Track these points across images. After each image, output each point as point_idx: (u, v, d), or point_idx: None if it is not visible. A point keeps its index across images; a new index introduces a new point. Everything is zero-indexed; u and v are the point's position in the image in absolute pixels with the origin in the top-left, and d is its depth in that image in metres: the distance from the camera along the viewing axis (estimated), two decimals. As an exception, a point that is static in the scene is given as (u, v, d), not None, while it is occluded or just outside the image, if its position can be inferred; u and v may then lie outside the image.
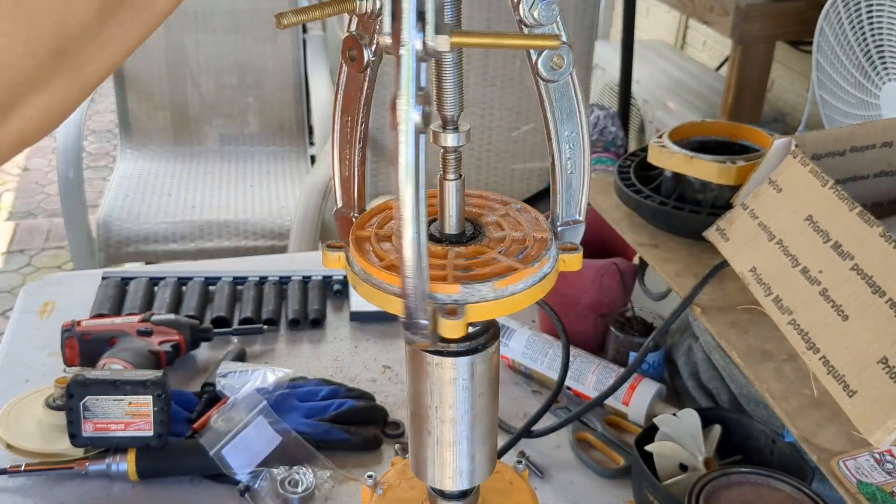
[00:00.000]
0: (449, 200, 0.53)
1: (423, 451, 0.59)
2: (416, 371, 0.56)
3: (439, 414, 0.56)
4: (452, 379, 0.55)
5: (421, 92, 0.41)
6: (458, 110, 0.50)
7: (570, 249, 0.55)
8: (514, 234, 0.54)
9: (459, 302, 0.48)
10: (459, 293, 0.48)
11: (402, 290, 0.44)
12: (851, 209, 0.80)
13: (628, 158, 1.08)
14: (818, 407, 0.76)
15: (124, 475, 0.88)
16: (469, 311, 0.48)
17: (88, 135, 3.95)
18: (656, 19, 3.15)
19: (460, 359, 0.54)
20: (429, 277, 0.45)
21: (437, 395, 0.56)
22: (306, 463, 0.90)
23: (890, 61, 1.39)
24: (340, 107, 0.55)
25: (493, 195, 0.58)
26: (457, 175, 0.52)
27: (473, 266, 0.51)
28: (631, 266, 1.07)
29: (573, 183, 0.55)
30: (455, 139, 0.51)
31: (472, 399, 0.56)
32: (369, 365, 1.08)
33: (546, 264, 0.52)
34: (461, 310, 0.47)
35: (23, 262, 3.09)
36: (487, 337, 0.55)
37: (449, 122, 0.50)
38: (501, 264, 0.51)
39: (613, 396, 0.96)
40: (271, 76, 2.46)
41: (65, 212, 2.11)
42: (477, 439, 0.58)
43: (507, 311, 0.50)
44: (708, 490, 0.76)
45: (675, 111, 2.36)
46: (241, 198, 2.27)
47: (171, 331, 1.04)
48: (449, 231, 0.53)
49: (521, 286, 0.50)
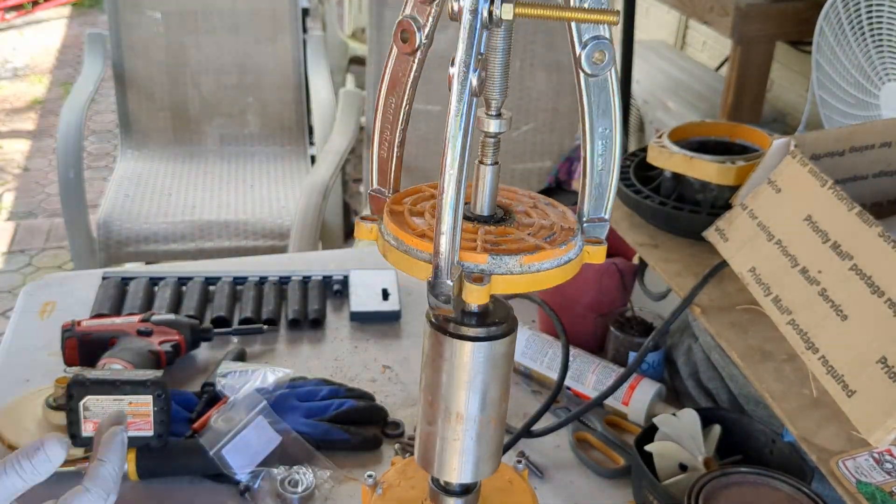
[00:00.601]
0: (484, 183, 0.55)
1: (432, 440, 0.59)
2: (433, 355, 0.57)
3: (449, 399, 0.57)
4: (469, 364, 0.56)
5: (480, 57, 0.45)
6: (503, 96, 0.52)
7: (594, 242, 0.57)
8: (541, 222, 0.56)
9: (486, 272, 0.51)
10: (487, 263, 0.51)
11: (435, 248, 0.47)
12: (850, 209, 0.80)
13: (628, 158, 1.08)
14: (818, 407, 0.76)
15: (124, 475, 0.88)
16: (495, 281, 0.51)
17: (88, 135, 3.95)
18: (656, 19, 3.15)
19: (478, 343, 0.55)
20: (459, 244, 0.49)
21: (449, 379, 0.57)
22: (306, 463, 0.90)
23: (890, 61, 1.39)
24: (386, 88, 0.57)
25: (522, 190, 0.61)
26: (494, 160, 0.54)
27: (502, 242, 0.53)
28: (631, 266, 1.07)
29: (603, 180, 0.56)
30: (497, 125, 0.53)
31: (482, 387, 0.57)
32: (369, 365, 1.08)
33: (572, 249, 0.54)
34: (487, 278, 0.50)
35: (23, 262, 3.10)
36: (504, 328, 0.56)
37: (492, 108, 0.53)
38: (529, 243, 0.53)
39: (613, 396, 0.96)
40: (271, 76, 2.46)
41: (65, 212, 2.11)
42: (485, 431, 0.59)
43: (530, 288, 0.52)
44: (708, 490, 0.76)
45: (674, 111, 2.36)
46: (241, 198, 2.27)
47: (171, 331, 1.04)
48: (481, 212, 0.56)
49: (546, 265, 0.52)
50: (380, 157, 0.59)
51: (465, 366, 0.56)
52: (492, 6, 0.46)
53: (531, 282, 0.52)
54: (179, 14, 2.37)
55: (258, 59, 2.45)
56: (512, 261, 0.51)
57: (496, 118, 0.53)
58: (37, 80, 4.60)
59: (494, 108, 0.53)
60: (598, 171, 0.56)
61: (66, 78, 4.55)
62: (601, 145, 0.55)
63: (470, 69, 0.45)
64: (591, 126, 0.54)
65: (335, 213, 2.28)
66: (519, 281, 0.51)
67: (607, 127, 0.55)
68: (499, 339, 0.56)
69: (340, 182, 2.32)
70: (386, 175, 0.59)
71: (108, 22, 2.35)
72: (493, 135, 0.54)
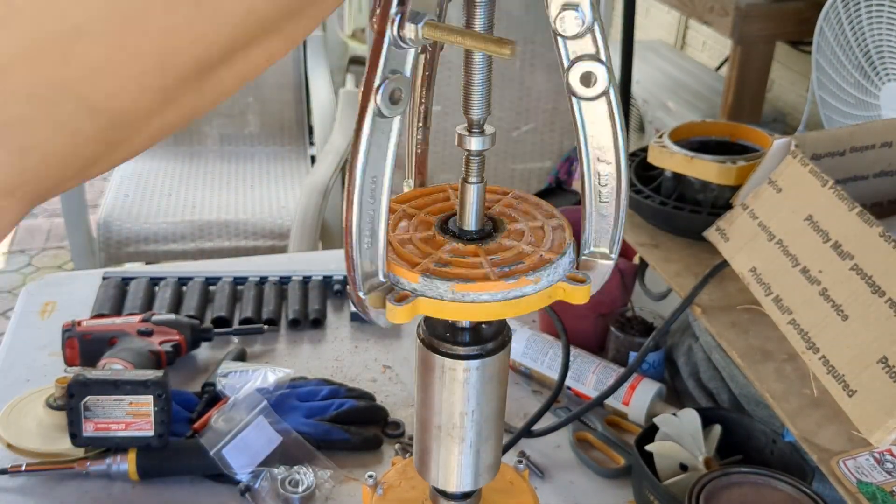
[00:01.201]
0: (469, 202, 0.52)
1: (429, 453, 0.59)
2: (425, 372, 0.56)
3: (444, 414, 0.56)
4: (462, 381, 0.55)
5: (393, 76, 0.42)
6: (483, 114, 0.49)
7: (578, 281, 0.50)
8: (523, 248, 0.52)
9: (499, 299, 0.48)
10: (500, 291, 0.48)
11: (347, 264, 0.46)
12: (851, 209, 0.80)
13: (628, 158, 1.08)
14: (818, 407, 0.76)
15: (125, 475, 0.88)
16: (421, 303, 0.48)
17: (88, 135, 3.94)
18: (656, 19, 3.15)
19: (471, 362, 0.54)
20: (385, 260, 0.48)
21: (445, 398, 0.56)
22: (307, 463, 0.90)
23: (890, 61, 1.39)
24: None
25: (546, 204, 0.56)
26: (479, 179, 0.51)
27: (507, 261, 0.50)
28: (631, 266, 1.07)
29: (605, 211, 0.50)
30: (479, 143, 0.50)
31: (480, 402, 0.56)
32: (370, 365, 1.08)
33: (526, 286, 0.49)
34: (413, 297, 0.48)
35: (23, 262, 3.09)
36: (497, 342, 0.55)
37: (474, 126, 0.49)
38: (533, 257, 0.50)
39: (613, 396, 0.96)
40: (271, 76, 2.46)
41: (65, 212, 2.12)
42: (483, 443, 0.58)
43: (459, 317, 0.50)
44: (708, 490, 0.76)
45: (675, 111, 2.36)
46: (241, 198, 2.27)
47: (172, 331, 1.04)
48: (468, 228, 0.53)
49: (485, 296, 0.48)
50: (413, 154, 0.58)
51: (458, 384, 0.55)
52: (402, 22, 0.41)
53: (460, 310, 0.48)
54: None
55: (258, 59, 2.44)
56: (443, 286, 0.48)
57: (478, 135, 0.49)
58: (36, 80, 4.60)
59: (476, 126, 0.49)
60: (597, 201, 0.50)
61: (66, 78, 4.54)
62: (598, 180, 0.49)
63: (372, 89, 0.42)
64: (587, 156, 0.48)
65: (335, 213, 2.28)
66: (447, 308, 0.48)
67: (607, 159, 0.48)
68: (492, 356, 0.55)
69: (340, 182, 2.32)
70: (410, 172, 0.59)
71: (107, 22, 2.35)
72: (476, 153, 0.50)
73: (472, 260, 0.50)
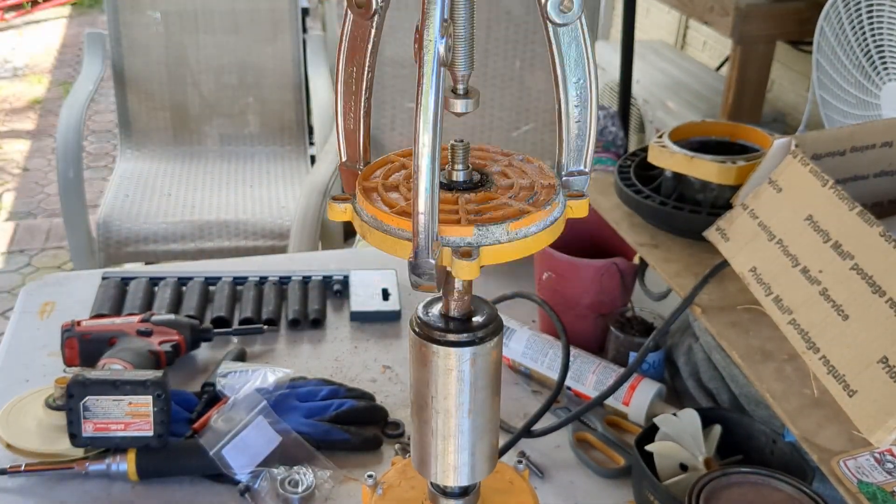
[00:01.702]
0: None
1: (426, 446, 0.59)
2: (418, 362, 0.56)
3: (439, 405, 0.57)
4: (453, 369, 0.55)
5: (445, 23, 0.44)
6: (469, 69, 0.50)
7: (576, 196, 0.55)
8: (521, 182, 0.54)
9: (473, 244, 0.49)
10: (473, 235, 0.49)
11: (413, 228, 0.46)
12: (851, 209, 0.80)
13: (628, 158, 1.08)
14: (818, 407, 0.76)
15: (124, 475, 0.88)
16: (484, 253, 0.49)
17: (88, 135, 3.95)
18: (656, 19, 3.15)
19: (462, 349, 0.55)
20: (438, 218, 0.47)
21: (438, 386, 0.56)
22: (306, 463, 0.90)
23: (890, 61, 1.39)
24: (345, 56, 0.55)
25: (493, 147, 0.59)
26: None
27: (485, 210, 0.51)
28: (631, 266, 1.07)
29: (581, 131, 0.55)
30: (464, 105, 0.51)
31: (471, 391, 0.56)
32: (369, 365, 1.08)
33: (556, 208, 0.53)
34: (476, 252, 0.48)
35: (23, 262, 3.09)
36: (488, 331, 0.56)
37: (459, 83, 0.51)
38: (513, 208, 0.51)
39: (613, 396, 0.96)
40: (271, 76, 2.46)
41: (65, 212, 2.11)
42: (476, 434, 0.58)
43: (520, 255, 0.51)
44: (708, 490, 0.76)
45: (675, 111, 2.36)
46: (241, 198, 2.27)
47: (171, 331, 1.04)
48: (456, 178, 0.54)
49: (533, 228, 0.51)
50: (346, 128, 0.57)
51: (451, 372, 0.55)
52: None
53: (519, 249, 0.50)
54: (179, 14, 2.37)
55: (258, 59, 2.45)
56: (499, 230, 0.49)
57: (464, 98, 0.51)
58: (36, 80, 4.60)
59: (462, 84, 0.51)
60: (574, 122, 0.54)
61: (66, 78, 4.55)
62: (576, 96, 0.53)
63: (436, 36, 0.43)
64: (563, 78, 0.53)
65: (335, 213, 2.28)
66: (507, 250, 0.50)
67: (581, 77, 0.53)
68: (484, 343, 0.55)
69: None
70: (355, 147, 0.57)
71: (107, 22, 2.35)
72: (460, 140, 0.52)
73: (497, 202, 0.52)
